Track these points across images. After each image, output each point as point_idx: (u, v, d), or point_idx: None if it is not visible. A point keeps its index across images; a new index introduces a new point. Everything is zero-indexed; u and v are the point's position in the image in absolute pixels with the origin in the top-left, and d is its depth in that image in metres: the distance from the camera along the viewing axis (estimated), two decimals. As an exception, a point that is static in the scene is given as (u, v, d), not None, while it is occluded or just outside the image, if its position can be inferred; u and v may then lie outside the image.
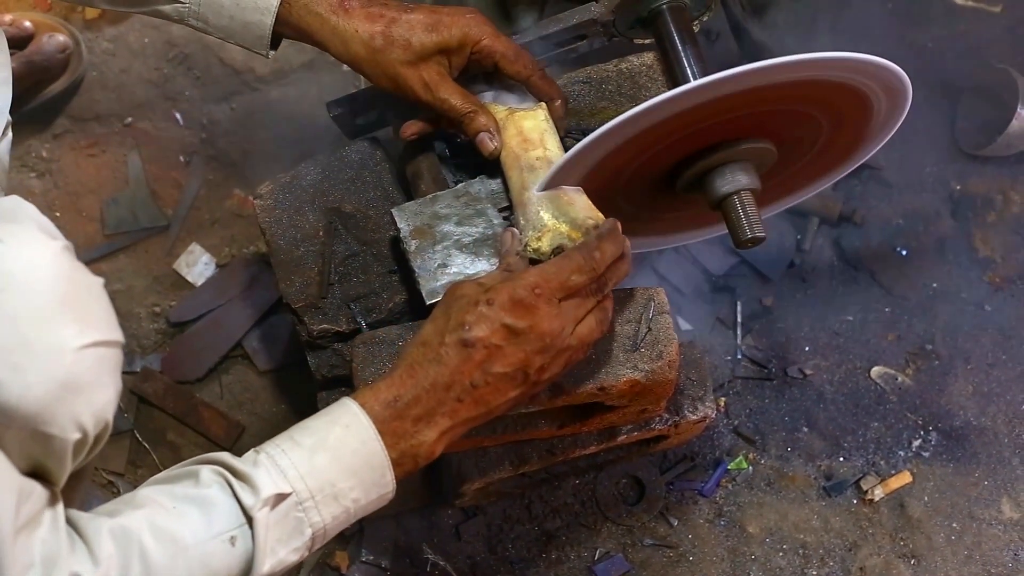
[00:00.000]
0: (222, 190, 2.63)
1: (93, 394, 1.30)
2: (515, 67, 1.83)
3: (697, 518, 2.36)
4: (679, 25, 1.92)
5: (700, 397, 2.11)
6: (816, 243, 2.60)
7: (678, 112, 1.62)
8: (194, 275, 2.56)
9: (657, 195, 1.87)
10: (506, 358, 1.55)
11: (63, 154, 2.64)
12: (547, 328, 1.55)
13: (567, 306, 1.57)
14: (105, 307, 1.36)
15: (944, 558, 2.32)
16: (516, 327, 1.54)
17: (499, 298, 1.55)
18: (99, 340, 1.30)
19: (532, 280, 1.56)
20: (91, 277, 1.35)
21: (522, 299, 1.54)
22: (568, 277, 1.57)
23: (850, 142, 1.92)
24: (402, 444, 1.53)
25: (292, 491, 1.45)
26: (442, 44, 1.79)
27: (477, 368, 1.54)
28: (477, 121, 1.81)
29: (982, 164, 2.67)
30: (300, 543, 1.47)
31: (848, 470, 2.40)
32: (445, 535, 2.33)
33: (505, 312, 1.54)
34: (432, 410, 1.54)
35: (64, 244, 1.33)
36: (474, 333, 1.53)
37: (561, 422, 1.99)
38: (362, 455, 1.51)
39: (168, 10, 1.84)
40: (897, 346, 2.51)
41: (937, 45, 2.79)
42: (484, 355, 1.54)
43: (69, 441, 1.29)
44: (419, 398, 1.53)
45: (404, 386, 1.54)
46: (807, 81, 1.67)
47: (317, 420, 1.54)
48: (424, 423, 1.54)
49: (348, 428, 1.51)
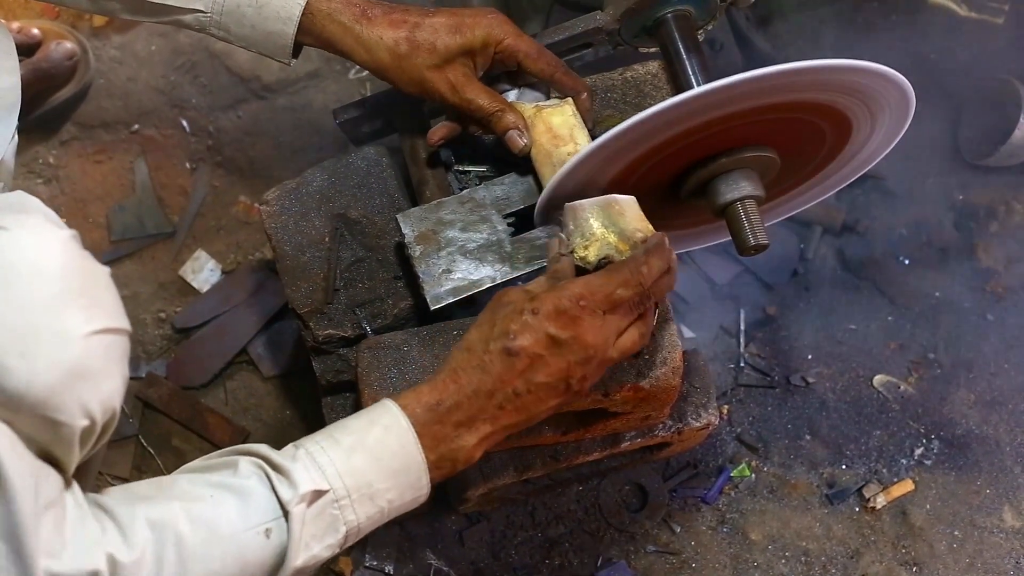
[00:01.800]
0: (228, 197, 2.64)
1: (101, 381, 1.30)
2: (538, 65, 1.84)
3: (700, 525, 2.37)
4: (684, 34, 1.93)
5: (703, 404, 2.12)
6: (819, 252, 2.60)
7: (682, 119, 1.63)
8: (200, 281, 2.57)
9: (661, 202, 1.87)
10: (549, 368, 1.55)
11: (70, 161, 2.65)
12: (591, 340, 1.55)
13: (611, 319, 1.58)
14: (112, 295, 1.36)
15: (946, 566, 2.32)
16: (560, 337, 1.54)
17: (544, 307, 1.55)
18: (107, 327, 1.30)
19: (578, 291, 1.56)
20: (98, 266, 1.35)
21: (567, 310, 1.54)
22: (614, 290, 1.57)
23: (853, 151, 1.93)
24: (442, 447, 1.54)
25: (330, 488, 1.46)
26: (466, 46, 1.80)
27: (520, 376, 1.55)
28: (505, 119, 1.82)
29: (985, 174, 2.68)
30: (334, 540, 1.48)
31: (850, 478, 2.40)
32: (449, 541, 2.34)
33: (550, 322, 1.54)
34: (474, 416, 1.55)
35: (71, 233, 1.33)
36: (518, 342, 1.54)
37: (565, 428, 1.99)
38: (400, 457, 1.51)
39: (189, 20, 1.84)
40: (899, 355, 2.52)
41: (940, 56, 2.81)
42: (527, 364, 1.54)
43: (77, 428, 1.29)
44: (461, 404, 1.54)
45: (447, 391, 1.55)
46: (810, 89, 1.68)
47: (357, 420, 1.55)
48: (465, 428, 1.55)
49: (388, 429, 1.52)
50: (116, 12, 1.88)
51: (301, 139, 2.67)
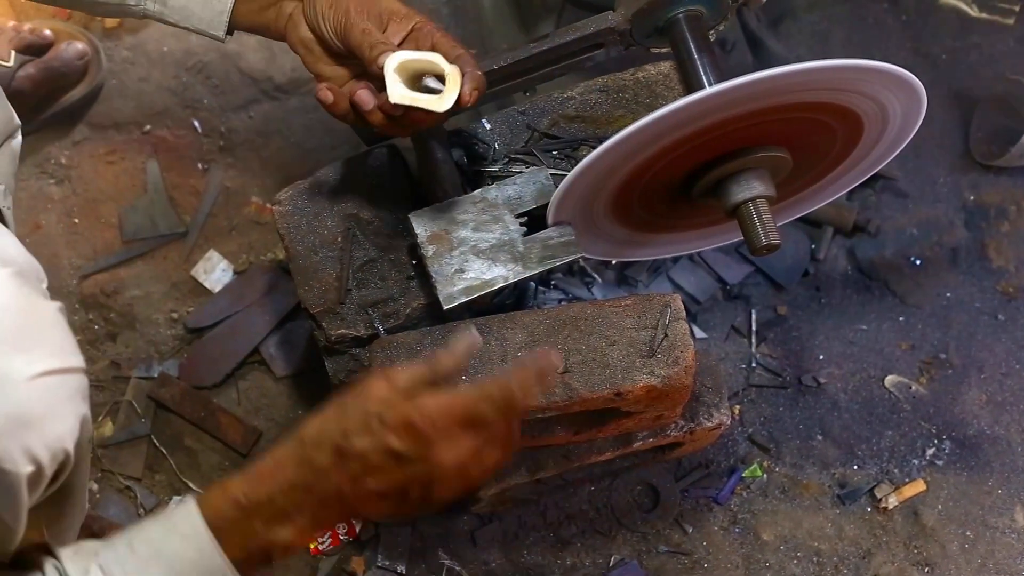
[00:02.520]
0: (240, 197, 2.64)
1: (46, 425, 1.27)
2: (451, 44, 1.70)
3: (712, 525, 2.37)
4: (695, 34, 1.93)
5: (715, 404, 2.12)
6: (830, 252, 2.61)
7: (694, 119, 1.63)
8: (212, 282, 2.57)
9: (673, 202, 1.87)
10: (384, 477, 1.39)
11: (82, 161, 2.66)
12: (438, 459, 1.39)
13: (468, 439, 1.41)
14: (60, 333, 1.32)
15: (958, 566, 2.33)
16: (401, 453, 1.38)
17: (392, 419, 1.39)
18: (52, 368, 1.27)
19: (434, 409, 1.40)
20: (44, 303, 1.32)
21: (415, 426, 1.38)
22: (476, 410, 1.41)
23: (864, 151, 1.93)
24: (251, 544, 1.40)
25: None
26: (391, 8, 1.71)
27: (348, 480, 1.39)
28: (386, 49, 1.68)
29: (996, 175, 2.68)
30: None
31: (862, 478, 2.40)
32: (461, 541, 2.34)
33: (394, 435, 1.38)
34: (288, 511, 1.40)
35: (13, 271, 1.29)
36: (353, 444, 1.39)
37: (577, 428, 2.00)
38: (200, 567, 1.40)
39: (131, 3, 1.79)
40: (911, 355, 2.52)
41: (951, 56, 2.81)
42: (359, 469, 1.39)
43: (22, 475, 1.26)
44: (273, 499, 1.40)
45: (262, 483, 1.41)
46: (822, 89, 1.68)
47: (158, 525, 1.42)
48: (278, 523, 1.40)
49: (186, 539, 1.39)
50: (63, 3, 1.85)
51: (313, 139, 2.67)
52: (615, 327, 1.86)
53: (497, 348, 1.84)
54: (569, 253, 1.84)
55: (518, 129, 2.01)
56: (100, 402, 2.44)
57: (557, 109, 2.03)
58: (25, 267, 1.33)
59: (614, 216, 1.89)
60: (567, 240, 1.85)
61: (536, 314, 1.88)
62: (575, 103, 2.03)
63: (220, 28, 1.80)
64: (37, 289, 1.33)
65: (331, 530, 1.44)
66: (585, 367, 1.83)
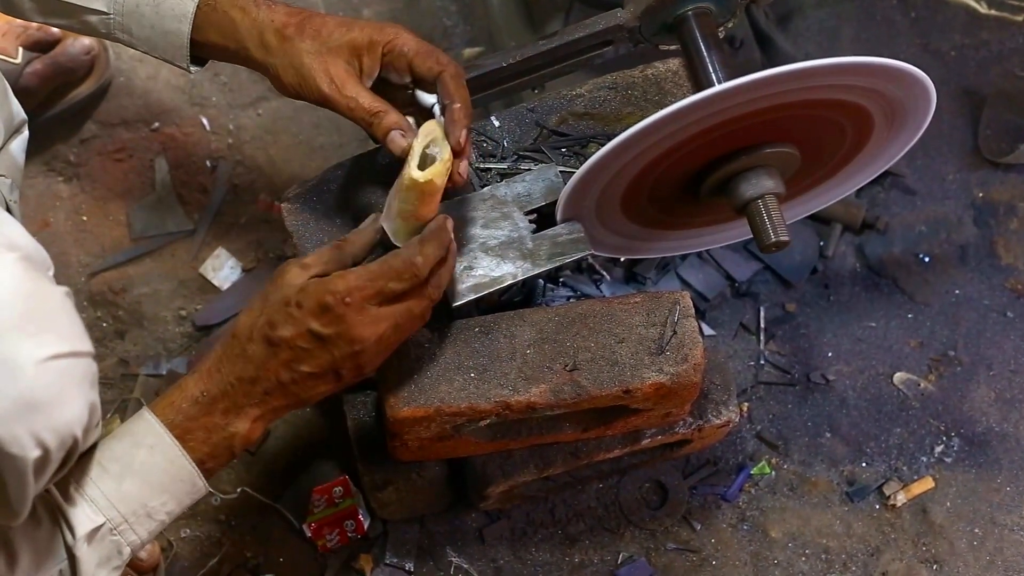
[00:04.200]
0: (248, 195, 2.65)
1: (55, 410, 1.28)
2: (428, 63, 1.72)
3: (720, 523, 2.37)
4: (704, 31, 1.93)
5: (724, 401, 2.12)
6: (839, 250, 2.60)
7: (703, 116, 1.63)
8: (220, 279, 2.57)
9: (683, 199, 1.87)
10: (313, 360, 1.56)
11: (90, 159, 2.66)
12: (356, 335, 1.56)
13: (384, 312, 1.58)
14: (68, 317, 1.33)
15: (966, 563, 2.32)
16: (323, 334, 1.54)
17: (308, 302, 1.54)
18: (60, 352, 1.27)
19: (343, 287, 1.55)
20: (51, 288, 1.32)
21: (331, 307, 1.54)
22: (385, 284, 1.57)
23: (873, 148, 1.93)
24: (214, 438, 1.55)
25: (105, 520, 1.49)
26: (352, 41, 1.71)
27: (283, 367, 1.56)
28: (388, 119, 1.71)
29: (1005, 172, 2.68)
30: (120, 562, 1.52)
31: (871, 475, 2.40)
32: (469, 538, 2.34)
33: (313, 318, 1.54)
34: (239, 403, 1.56)
35: (22, 254, 1.30)
36: (279, 333, 1.54)
37: (586, 425, 2.00)
38: (171, 473, 1.53)
39: (96, 22, 1.80)
40: (920, 352, 2.52)
41: (960, 53, 2.81)
42: (290, 356, 1.55)
43: (28, 459, 1.27)
44: (226, 392, 1.55)
45: (211, 381, 1.56)
46: (831, 86, 1.68)
47: (120, 442, 1.54)
48: (234, 415, 1.56)
49: (153, 449, 1.52)
50: (28, 13, 1.85)
51: (321, 137, 2.67)
52: (624, 324, 1.86)
53: (506, 345, 1.84)
54: (578, 250, 1.84)
55: (527, 126, 2.01)
56: (109, 400, 2.44)
57: (566, 106, 2.02)
58: (32, 253, 1.34)
59: (623, 213, 1.89)
60: (576, 237, 1.84)
61: (545, 311, 1.88)
62: (584, 100, 2.03)
63: (183, 61, 1.82)
64: (44, 274, 1.34)
65: (278, 415, 1.57)
66: (594, 364, 1.83)
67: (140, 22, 1.79)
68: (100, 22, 1.80)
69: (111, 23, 1.80)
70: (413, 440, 1.91)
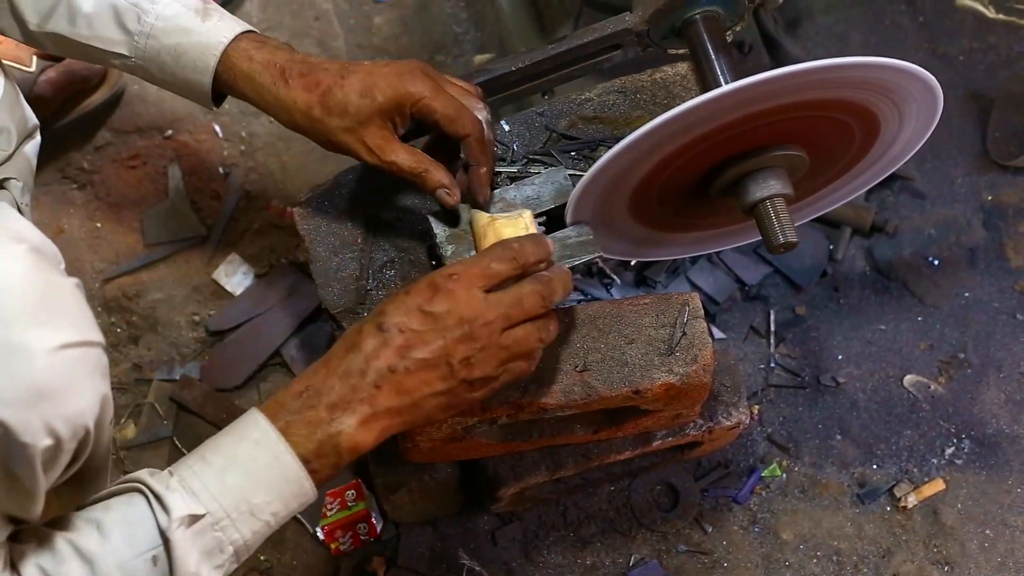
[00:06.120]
0: (261, 201, 2.66)
1: (67, 399, 1.28)
2: (454, 127, 1.76)
3: (731, 525, 2.37)
4: (712, 35, 1.93)
5: (734, 403, 2.13)
6: (848, 253, 2.61)
7: (712, 117, 1.64)
8: (233, 285, 2.58)
9: (691, 201, 1.88)
10: (425, 344, 1.53)
11: (104, 166, 2.67)
12: (465, 313, 1.54)
13: (494, 297, 1.57)
14: (79, 307, 1.34)
15: (977, 565, 2.33)
16: (433, 311, 1.53)
17: (417, 286, 1.56)
18: (72, 341, 1.28)
19: (450, 269, 1.58)
20: (62, 278, 1.33)
21: (438, 284, 1.55)
22: (488, 264, 1.58)
23: (882, 150, 1.94)
24: (318, 434, 1.51)
25: (206, 512, 1.45)
26: (380, 109, 1.75)
27: (395, 353, 1.53)
28: (431, 179, 1.77)
29: (1014, 175, 2.68)
30: (222, 560, 1.48)
31: (881, 477, 2.41)
32: (481, 541, 2.35)
33: (423, 298, 1.54)
34: (347, 397, 1.52)
35: (31, 246, 1.30)
36: (391, 318, 1.53)
37: (596, 427, 2.01)
38: (276, 469, 1.50)
39: (117, 63, 1.85)
40: (929, 355, 2.52)
41: (968, 58, 2.82)
42: (402, 340, 1.53)
43: (38, 448, 1.26)
44: (332, 386, 1.52)
45: (317, 376, 1.54)
46: (838, 86, 1.68)
47: (227, 436, 1.52)
48: (340, 410, 1.51)
49: (258, 444, 1.50)
50: (49, 49, 1.90)
51: (333, 142, 2.69)
52: (633, 325, 1.87)
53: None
54: (588, 252, 1.84)
55: (536, 130, 2.02)
56: (122, 404, 2.46)
57: (575, 110, 2.03)
58: (40, 246, 1.34)
59: (632, 215, 1.90)
60: (585, 239, 1.85)
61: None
62: (593, 104, 2.04)
63: (205, 103, 1.86)
64: (54, 266, 1.34)
65: (390, 424, 1.54)
66: (604, 365, 1.84)
67: (162, 69, 1.83)
68: (121, 64, 1.85)
69: (132, 65, 1.85)
70: (425, 441, 1.92)
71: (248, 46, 1.81)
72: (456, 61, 2.83)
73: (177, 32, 1.80)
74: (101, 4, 1.82)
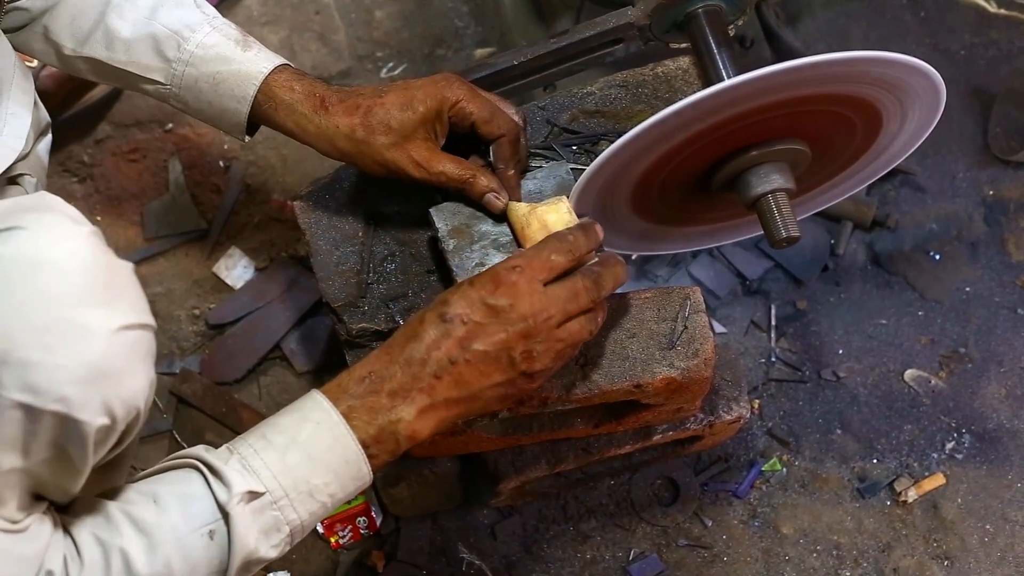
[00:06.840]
0: (261, 195, 2.66)
1: (123, 379, 1.30)
2: (489, 127, 1.80)
3: (731, 519, 2.38)
4: (714, 29, 1.94)
5: (734, 398, 2.13)
6: (850, 247, 2.61)
7: (714, 111, 1.64)
8: (233, 278, 2.59)
9: (693, 196, 1.88)
10: (487, 336, 1.54)
11: (105, 159, 2.67)
12: (528, 308, 1.55)
13: (553, 291, 1.57)
14: (136, 291, 1.35)
15: (977, 559, 2.33)
16: (497, 304, 1.54)
17: (481, 279, 1.57)
18: (131, 323, 1.30)
19: (513, 261, 1.58)
20: (121, 261, 1.35)
21: (502, 277, 1.55)
22: (548, 256, 1.58)
23: (883, 145, 1.93)
24: (379, 419, 1.53)
25: (266, 490, 1.47)
26: (422, 119, 1.78)
27: (456, 344, 1.54)
28: (478, 184, 1.80)
29: (1015, 169, 2.68)
30: (278, 539, 1.49)
31: (882, 472, 2.41)
32: (481, 535, 2.35)
33: (486, 290, 1.55)
34: (407, 385, 1.53)
35: (92, 229, 1.33)
36: (453, 309, 1.54)
37: (597, 421, 2.01)
38: (336, 451, 1.51)
39: (151, 90, 1.88)
40: (930, 349, 2.52)
41: (969, 53, 2.81)
42: (464, 331, 1.54)
43: (94, 426, 1.28)
44: (394, 373, 1.54)
45: (380, 362, 1.55)
46: (841, 80, 1.68)
47: (288, 416, 1.54)
48: (401, 398, 1.53)
49: (319, 425, 1.51)
50: (83, 73, 1.93)
51: (333, 136, 2.68)
52: (635, 319, 1.86)
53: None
54: (589, 247, 1.85)
55: (538, 124, 2.02)
56: (123, 398, 2.46)
57: (577, 104, 2.03)
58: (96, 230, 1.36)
59: (634, 209, 1.90)
60: (587, 234, 1.85)
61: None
62: (595, 98, 2.04)
63: (239, 134, 1.91)
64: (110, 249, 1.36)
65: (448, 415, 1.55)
66: (605, 359, 1.84)
67: (198, 97, 1.86)
68: (155, 90, 1.88)
69: (167, 93, 1.87)
70: (425, 435, 1.92)
71: (289, 77, 1.84)
72: (457, 55, 2.83)
73: (217, 60, 1.83)
74: (140, 31, 1.84)
